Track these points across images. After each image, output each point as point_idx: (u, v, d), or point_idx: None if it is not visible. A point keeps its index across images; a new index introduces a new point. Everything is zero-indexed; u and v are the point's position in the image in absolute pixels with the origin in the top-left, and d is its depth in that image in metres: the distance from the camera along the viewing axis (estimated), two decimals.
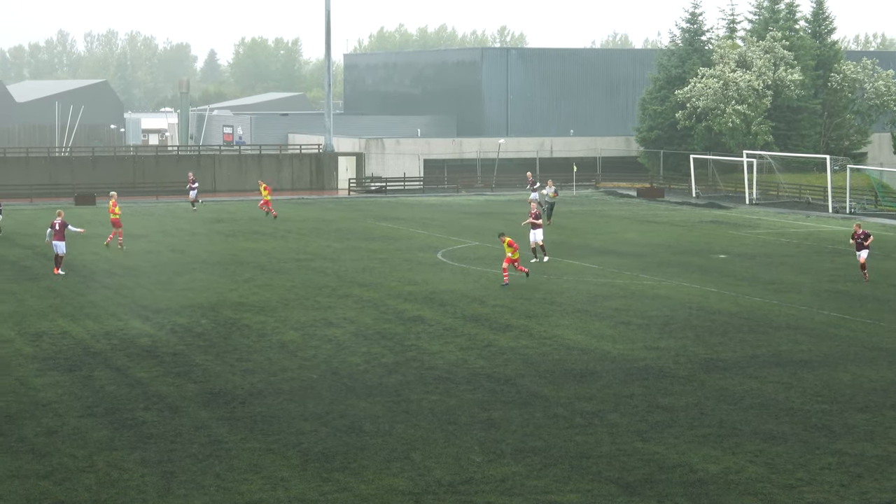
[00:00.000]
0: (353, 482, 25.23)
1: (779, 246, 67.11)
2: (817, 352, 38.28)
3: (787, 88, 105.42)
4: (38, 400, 32.01)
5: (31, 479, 25.46)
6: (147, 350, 38.25)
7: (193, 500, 24.12)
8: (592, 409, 31.14)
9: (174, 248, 64.27)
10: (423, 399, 32.06)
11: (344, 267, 57.06)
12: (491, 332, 41.28)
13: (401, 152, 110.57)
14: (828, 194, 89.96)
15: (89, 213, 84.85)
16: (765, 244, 67.95)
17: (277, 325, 42.30)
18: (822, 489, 24.93)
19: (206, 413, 30.75)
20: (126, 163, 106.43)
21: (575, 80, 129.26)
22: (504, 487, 24.94)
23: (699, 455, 27.17)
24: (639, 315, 44.55)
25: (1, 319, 43.20)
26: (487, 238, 68.90)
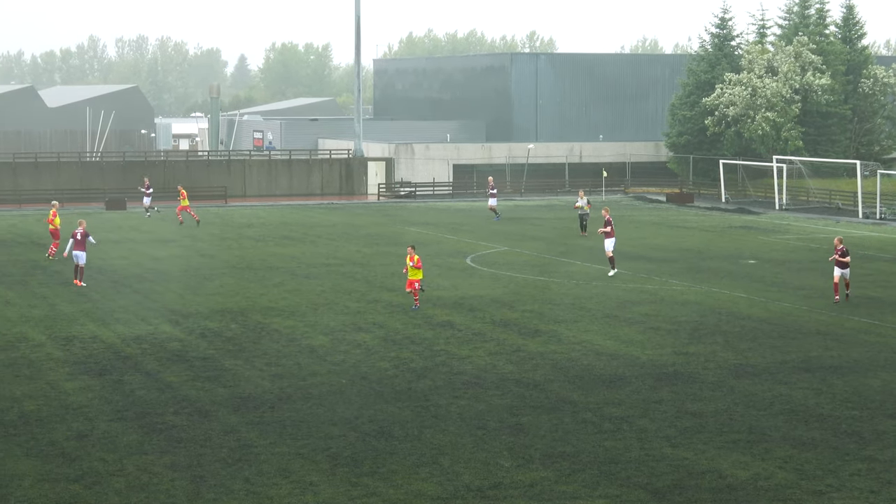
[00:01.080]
0: (381, 487, 25.25)
1: (809, 251, 66.89)
2: (847, 358, 38.15)
3: (815, 93, 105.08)
4: (69, 404, 32.12)
5: (61, 482, 25.55)
6: (177, 354, 38.34)
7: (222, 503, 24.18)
8: (621, 414, 31.10)
9: (204, 253, 64.41)
10: (452, 404, 32.07)
11: (373, 272, 57.09)
12: (520, 337, 41.26)
13: (430, 157, 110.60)
14: (858, 200, 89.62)
15: (120, 218, 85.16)
16: (794, 250, 67.75)
17: (307, 330, 42.36)
18: (852, 495, 24.85)
19: (236, 417, 30.81)
20: (157, 168, 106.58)
21: (604, 85, 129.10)
22: (533, 493, 24.93)
23: (728, 461, 27.11)
24: (668, 320, 44.47)
25: (32, 324, 43.38)
26: (517, 243, 68.93)
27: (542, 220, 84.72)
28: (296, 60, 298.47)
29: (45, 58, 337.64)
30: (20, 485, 25.40)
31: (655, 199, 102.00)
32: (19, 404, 32.03)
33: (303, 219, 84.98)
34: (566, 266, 59.33)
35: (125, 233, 74.83)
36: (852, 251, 65.98)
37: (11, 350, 38.87)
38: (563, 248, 66.85)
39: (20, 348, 39.19)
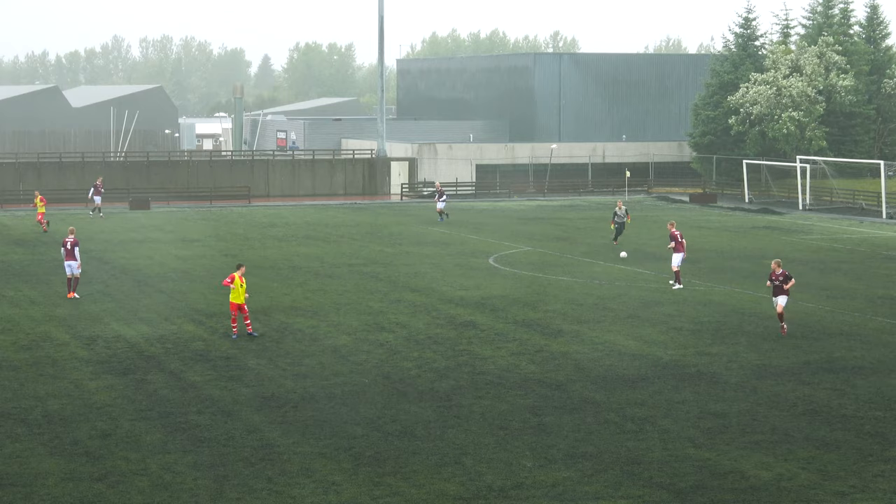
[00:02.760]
0: (404, 487, 25.28)
1: (832, 252, 66.74)
2: (871, 358, 38.06)
3: (839, 94, 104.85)
4: (93, 403, 32.23)
5: (84, 481, 25.63)
6: (200, 354, 38.43)
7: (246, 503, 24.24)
8: (644, 414, 31.08)
9: (227, 253, 64.54)
10: (475, 404, 32.08)
11: (396, 272, 57.15)
12: (542, 337, 41.25)
13: (453, 157, 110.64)
14: (882, 200, 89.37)
15: (144, 218, 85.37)
16: (818, 250, 67.60)
17: (330, 330, 42.41)
18: (875, 497, 24.80)
19: (259, 417, 30.87)
20: (180, 167, 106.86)
21: (628, 85, 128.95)
22: (555, 493, 24.93)
23: (751, 462, 27.07)
24: (691, 321, 44.41)
25: (56, 323, 43.53)
26: (540, 243, 68.90)
27: (565, 220, 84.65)
28: (319, 60, 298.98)
29: (69, 58, 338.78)
30: (44, 483, 25.50)
31: (678, 200, 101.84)
32: (43, 403, 32.15)
33: (326, 219, 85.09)
34: (589, 266, 59.27)
35: (149, 232, 74.99)
36: (875, 252, 65.83)
37: (36, 349, 39.02)
38: (585, 249, 66.79)
39: (44, 347, 39.33)
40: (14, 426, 29.91)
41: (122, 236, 72.52)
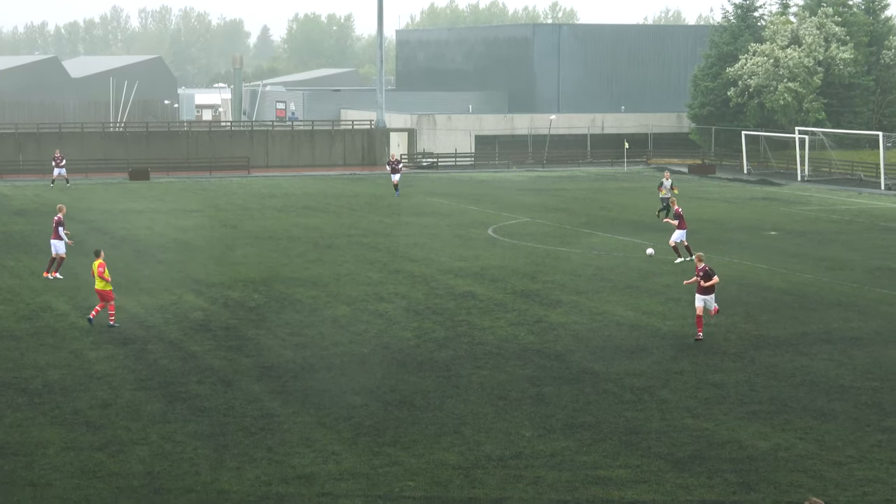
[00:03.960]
0: (403, 456, 25.33)
1: (830, 223, 66.77)
2: (868, 329, 38.11)
3: (837, 66, 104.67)
4: (93, 373, 32.28)
5: (85, 450, 25.69)
6: (200, 324, 38.48)
7: (245, 474, 24.28)
8: (642, 385, 31.14)
9: (227, 223, 64.55)
10: (474, 374, 32.13)
11: (395, 242, 57.15)
12: (541, 307, 41.29)
13: (452, 128, 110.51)
14: (880, 171, 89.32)
15: (144, 188, 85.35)
16: (816, 221, 67.63)
17: (329, 300, 42.45)
18: (872, 467, 24.86)
19: (259, 387, 30.92)
20: (179, 138, 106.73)
21: (627, 56, 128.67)
22: (554, 462, 24.99)
23: (749, 432, 27.13)
24: (689, 291, 44.40)
25: (56, 293, 43.56)
26: (539, 214, 68.89)
27: (564, 190, 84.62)
28: (318, 31, 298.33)
29: (68, 28, 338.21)
30: (45, 452, 25.56)
31: (677, 171, 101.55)
32: (44, 373, 32.20)
33: (325, 189, 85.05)
34: (588, 237, 59.30)
35: (149, 203, 74.99)
36: (873, 223, 65.82)
37: (36, 319, 39.06)
38: (584, 219, 66.79)
39: (44, 317, 39.38)
40: (14, 396, 29.96)
41: (121, 206, 72.51)
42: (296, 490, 23.41)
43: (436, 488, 23.54)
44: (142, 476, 24.17)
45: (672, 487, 23.62)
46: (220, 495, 23.17)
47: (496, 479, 24.03)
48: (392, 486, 23.68)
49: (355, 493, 23.26)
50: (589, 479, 24.07)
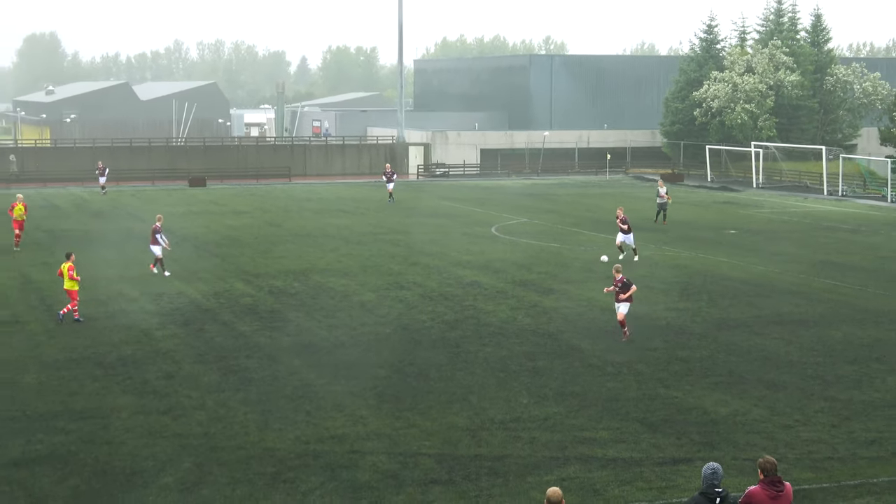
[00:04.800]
0: (420, 420, 25.36)
1: (781, 223, 66.68)
2: (813, 313, 38.08)
3: (786, 89, 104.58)
4: (159, 349, 32.35)
5: (152, 414, 25.76)
6: (249, 308, 38.54)
7: (287, 434, 24.32)
8: (622, 360, 31.14)
9: (271, 223, 64.61)
10: (479, 351, 32.15)
11: (413, 239, 57.17)
12: (537, 294, 41.29)
13: (461, 143, 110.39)
14: (823, 180, 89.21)
15: (201, 193, 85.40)
16: (769, 222, 67.54)
17: (357, 288, 42.49)
18: (816, 429, 24.86)
19: (298, 361, 30.97)
20: (231, 151, 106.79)
21: (608, 81, 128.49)
22: (547, 425, 25.01)
23: (711, 399, 27.14)
24: (661, 281, 44.43)
25: (128, 282, 43.65)
26: (534, 215, 68.84)
27: (556, 195, 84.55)
28: (348, 61, 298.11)
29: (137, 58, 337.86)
30: (119, 416, 25.64)
31: (651, 179, 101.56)
32: (118, 349, 32.28)
33: (354, 194, 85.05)
34: (576, 235, 59.29)
35: (205, 206, 75.07)
36: (817, 223, 65.70)
37: (111, 304, 39.15)
38: (573, 220, 66.76)
39: (118, 302, 39.47)
40: (93, 368, 30.05)
41: (182, 209, 72.60)
42: (329, 448, 23.45)
43: (447, 447, 23.57)
44: (200, 436, 24.23)
45: (647, 446, 23.62)
46: (266, 452, 23.21)
47: (498, 439, 24.06)
48: (410, 444, 23.71)
49: (379, 450, 23.30)
50: (577, 439, 24.09)
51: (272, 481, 21.56)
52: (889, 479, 21.94)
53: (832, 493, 21.19)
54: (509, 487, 21.27)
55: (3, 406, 26.47)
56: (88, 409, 26.24)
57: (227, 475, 21.86)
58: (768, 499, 15.64)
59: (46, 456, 22.99)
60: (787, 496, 15.77)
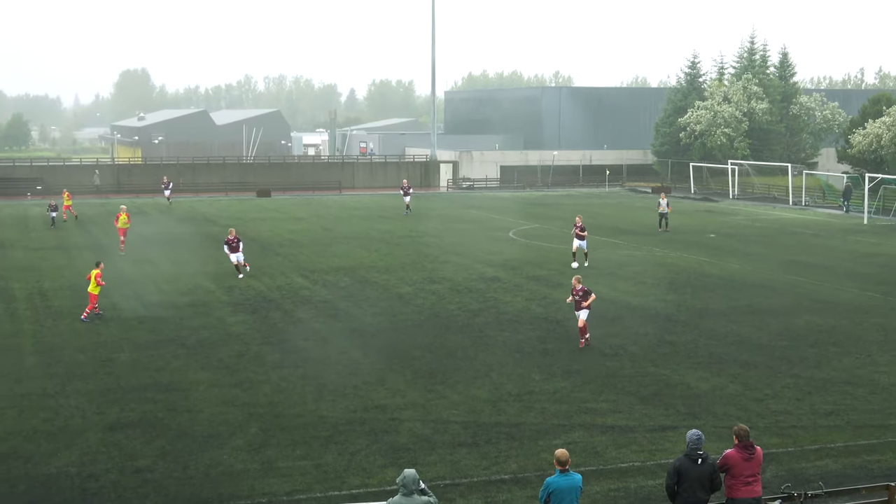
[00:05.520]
0: (449, 392, 25.37)
1: (753, 228, 66.33)
2: (780, 304, 37.89)
3: (757, 115, 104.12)
4: (231, 332, 32.46)
5: (225, 387, 25.86)
6: (306, 298, 38.62)
7: (338, 404, 24.38)
8: (618, 343, 31.06)
9: (325, 228, 64.71)
10: (498, 335, 32.13)
11: (444, 241, 57.17)
12: (547, 288, 41.22)
13: (484, 161, 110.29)
14: (789, 192, 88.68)
15: (267, 203, 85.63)
16: (743, 227, 67.20)
17: (397, 282, 42.52)
18: (783, 402, 24.76)
19: (347, 343, 31.02)
20: (292, 167, 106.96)
21: (608, 109, 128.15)
22: (555, 398, 24.98)
23: (694, 376, 27.05)
24: (652, 277, 44.30)
25: (207, 277, 43.82)
26: (545, 222, 68.71)
27: (563, 205, 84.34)
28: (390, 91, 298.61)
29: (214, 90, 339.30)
30: (197, 388, 25.76)
31: (643, 191, 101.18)
32: (197, 332, 32.42)
33: (394, 204, 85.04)
34: None
35: (270, 213, 75.24)
36: (784, 228, 65.36)
37: (192, 295, 39.33)
38: None
39: (198, 293, 39.63)
40: (176, 349, 30.19)
41: (251, 216, 72.82)
42: (373, 416, 23.48)
43: (471, 415, 23.57)
44: (265, 405, 24.31)
45: (639, 416, 23.56)
46: (321, 419, 23.26)
47: (514, 409, 24.04)
48: (441, 413, 23.72)
49: (415, 418, 23.32)
50: (580, 409, 24.06)
51: (325, 443, 21.61)
52: (844, 444, 21.85)
53: (796, 455, 21.11)
54: (524, 449, 21.26)
55: (102, 380, 26.63)
56: (172, 382, 26.36)
57: (288, 438, 21.93)
58: (742, 461, 15.62)
59: (137, 421, 23.11)
60: (758, 458, 15.75)
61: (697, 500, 15.48)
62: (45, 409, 23.97)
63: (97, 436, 22.07)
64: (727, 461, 15.63)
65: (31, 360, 28.69)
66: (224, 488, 19.16)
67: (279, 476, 19.77)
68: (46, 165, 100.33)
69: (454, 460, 20.61)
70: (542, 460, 20.50)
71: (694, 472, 15.40)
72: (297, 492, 18.93)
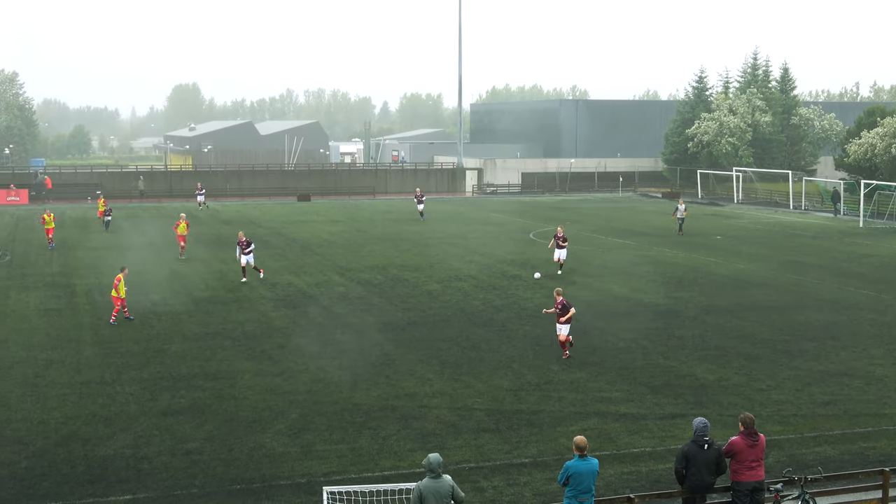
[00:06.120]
0: (473, 382, 25.32)
1: (756, 231, 65.91)
2: (781, 301, 37.62)
3: (761, 126, 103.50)
4: (273, 326, 32.52)
5: (268, 376, 25.90)
6: (342, 295, 38.65)
7: (371, 392, 24.37)
8: (631, 336, 30.91)
9: (359, 230, 64.78)
10: (520, 329, 32.04)
11: (469, 242, 57.10)
12: (564, 285, 41.03)
13: (506, 168, 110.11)
14: (790, 197, 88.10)
15: (306, 206, 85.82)
16: (747, 229, 66.78)
17: (426, 280, 42.49)
18: (784, 392, 24.57)
19: (380, 336, 31.01)
20: (329, 174, 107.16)
21: (621, 120, 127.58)
22: (573, 387, 24.88)
23: (701, 368, 26.88)
24: (662, 275, 44.08)
25: (251, 275, 43.88)
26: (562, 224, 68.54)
27: (580, 209, 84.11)
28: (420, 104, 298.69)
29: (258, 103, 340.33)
30: (242, 377, 25.82)
31: (654, 196, 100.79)
32: (242, 326, 32.50)
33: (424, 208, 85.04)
34: (595, 239, 58.91)
35: (309, 216, 75.40)
36: (785, 231, 64.88)
37: (237, 291, 39.44)
38: (593, 228, 66.33)
39: (242, 290, 39.73)
40: (223, 340, 30.27)
41: (292, 218, 72.99)
42: (404, 403, 23.45)
43: (495, 403, 23.51)
44: (304, 393, 24.33)
45: (650, 405, 23.43)
46: (355, 406, 23.26)
47: (535, 398, 23.96)
48: (466, 401, 23.67)
49: (442, 406, 23.27)
50: (595, 398, 23.95)
51: (360, 428, 21.60)
52: (841, 431, 21.66)
53: (796, 442, 20.93)
54: (543, 435, 21.17)
55: (155, 368, 26.73)
56: (220, 371, 26.43)
57: (326, 423, 21.93)
58: (746, 447, 15.50)
59: (187, 407, 23.18)
60: (761, 445, 15.62)
61: (704, 482, 15.39)
62: (103, 396, 24.09)
63: (150, 420, 22.15)
64: (733, 447, 15.51)
65: (89, 351, 28.85)
66: (266, 469, 19.18)
67: (317, 458, 19.77)
68: (105, 172, 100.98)
69: (478, 445, 20.54)
70: (560, 445, 20.41)
71: (701, 457, 15.32)
72: (333, 473, 18.92)
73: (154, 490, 18.13)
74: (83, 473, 18.96)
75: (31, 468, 19.22)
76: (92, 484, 18.42)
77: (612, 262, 48.15)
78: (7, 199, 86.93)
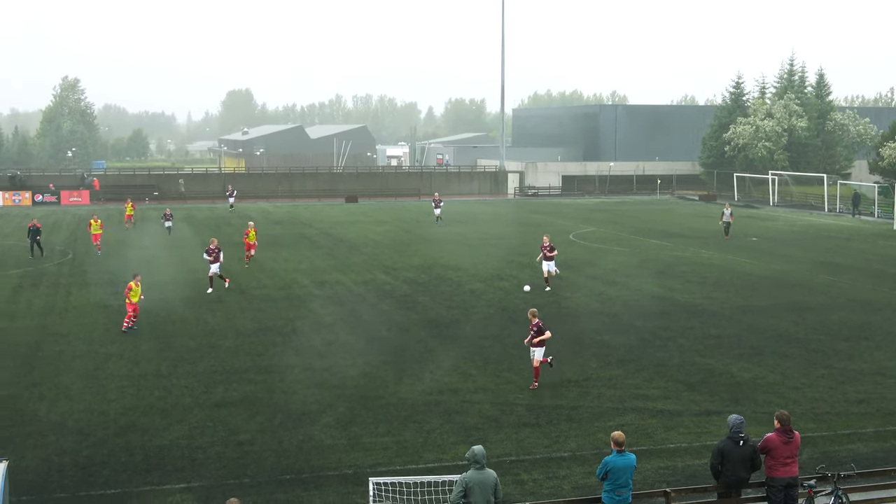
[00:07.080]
0: (514, 378, 25.28)
1: (791, 233, 65.20)
2: (815, 302, 37.19)
3: (797, 130, 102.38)
4: (322, 322, 32.69)
5: (316, 371, 26.04)
6: (387, 293, 38.76)
7: (416, 387, 24.42)
8: (668, 335, 30.72)
9: (405, 230, 64.87)
10: (559, 327, 31.94)
11: (510, 242, 57.00)
12: (603, 285, 40.90)
13: (547, 171, 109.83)
14: (825, 200, 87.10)
15: (354, 207, 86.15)
16: (782, 231, 66.08)
17: (468, 279, 42.49)
18: (818, 390, 24.31)
19: (424, 332, 31.06)
20: (377, 176, 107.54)
21: (660, 124, 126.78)
22: (610, 384, 24.78)
23: (737, 367, 26.66)
24: (699, 276, 43.74)
25: (300, 273, 44.19)
26: (602, 226, 68.23)
27: (619, 211, 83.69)
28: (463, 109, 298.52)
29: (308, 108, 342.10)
30: (291, 371, 25.97)
31: (692, 199, 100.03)
32: (292, 322, 32.70)
33: (467, 210, 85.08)
34: (635, 241, 58.59)
35: (357, 217, 75.69)
36: (819, 233, 64.04)
37: (287, 289, 39.68)
38: (631, 229, 65.98)
39: (293, 288, 39.98)
40: (273, 337, 30.48)
41: (340, 219, 73.29)
42: (447, 398, 23.48)
43: (535, 399, 23.47)
44: (351, 388, 24.43)
45: (687, 402, 23.28)
46: (400, 400, 23.32)
47: (574, 394, 23.88)
48: (507, 396, 23.65)
49: (485, 401, 23.27)
50: (633, 395, 23.83)
51: (405, 422, 21.65)
52: (874, 429, 21.39)
53: (830, 439, 20.70)
54: (581, 430, 21.11)
55: (209, 362, 26.98)
56: (271, 365, 26.62)
57: (372, 417, 22.01)
58: (782, 444, 15.35)
59: (240, 400, 23.37)
60: (796, 442, 15.47)
61: (739, 478, 15.28)
62: (159, 388, 24.36)
63: (204, 412, 22.35)
64: (768, 444, 15.37)
65: (146, 345, 29.17)
66: (315, 461, 19.28)
67: (363, 450, 19.84)
68: (162, 174, 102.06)
69: (519, 439, 20.52)
70: (598, 440, 20.33)
71: (736, 453, 15.20)
72: (379, 465, 18.98)
73: (207, 479, 18.31)
74: (141, 462, 19.19)
75: (91, 457, 19.49)
76: (149, 472, 18.64)
77: (648, 263, 47.84)
78: (69, 200, 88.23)
